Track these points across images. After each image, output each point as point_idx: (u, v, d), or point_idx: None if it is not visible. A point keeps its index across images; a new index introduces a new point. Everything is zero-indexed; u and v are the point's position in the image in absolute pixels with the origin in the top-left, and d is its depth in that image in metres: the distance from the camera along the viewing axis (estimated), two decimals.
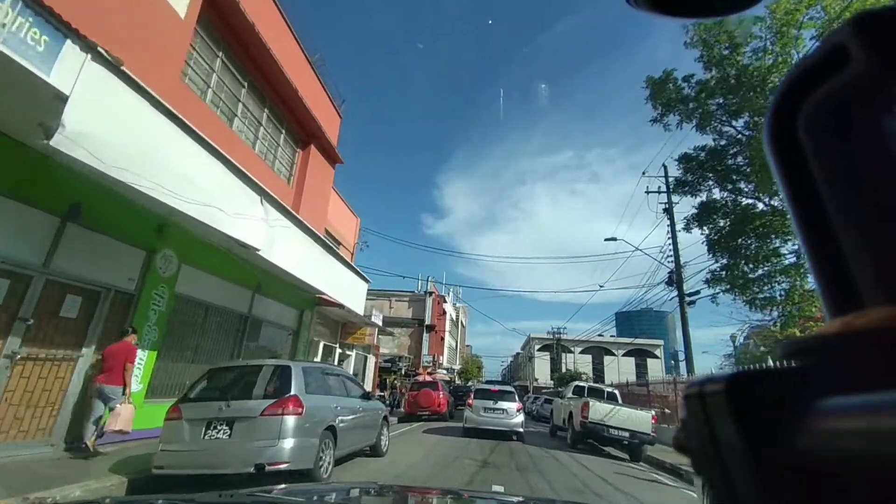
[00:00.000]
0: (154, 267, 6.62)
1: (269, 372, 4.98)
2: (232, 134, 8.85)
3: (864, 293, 0.30)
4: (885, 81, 0.29)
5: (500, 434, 12.00)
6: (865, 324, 0.27)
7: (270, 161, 10.70)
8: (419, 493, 2.64)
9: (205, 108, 7.91)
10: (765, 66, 12.25)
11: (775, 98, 0.35)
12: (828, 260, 0.33)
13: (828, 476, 0.24)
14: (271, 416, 4.54)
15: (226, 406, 4.61)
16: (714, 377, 0.30)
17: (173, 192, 5.27)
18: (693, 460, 0.31)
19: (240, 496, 1.66)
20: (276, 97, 10.47)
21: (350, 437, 5.94)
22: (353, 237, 18.23)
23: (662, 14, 0.45)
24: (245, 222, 6.23)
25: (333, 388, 5.88)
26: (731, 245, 14.20)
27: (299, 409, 4.70)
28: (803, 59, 0.33)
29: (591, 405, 10.56)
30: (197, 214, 5.64)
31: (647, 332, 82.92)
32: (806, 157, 0.33)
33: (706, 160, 15.23)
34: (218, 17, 8.09)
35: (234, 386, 4.99)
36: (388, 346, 37.93)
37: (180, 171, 5.37)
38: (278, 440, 4.46)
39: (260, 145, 10.18)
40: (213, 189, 5.87)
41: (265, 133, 10.36)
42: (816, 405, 0.26)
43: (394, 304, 40.16)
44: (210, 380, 5.14)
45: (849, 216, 0.31)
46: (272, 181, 9.89)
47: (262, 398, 4.72)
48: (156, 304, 6.65)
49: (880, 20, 0.29)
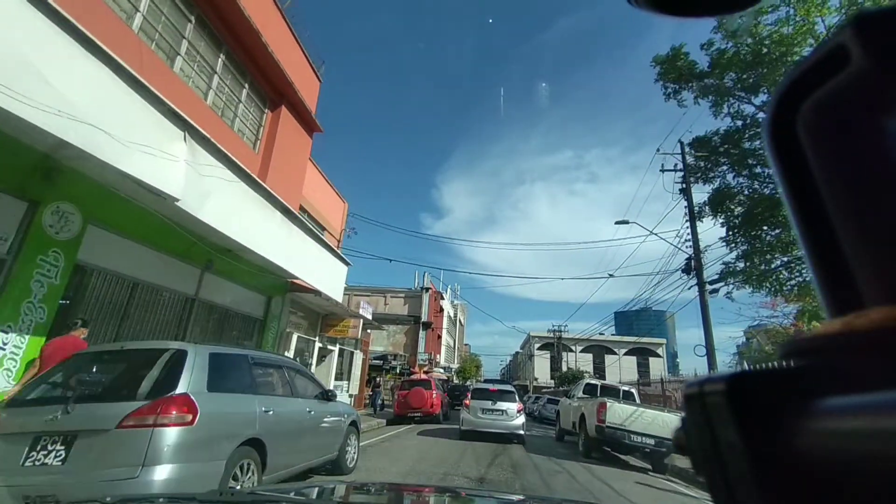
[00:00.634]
0: (40, 224, 4.96)
1: (152, 359, 3.31)
2: (172, 75, 7.19)
3: (864, 293, 0.30)
4: (885, 82, 0.29)
5: (499, 437, 11.06)
6: (866, 324, 0.27)
7: (230, 119, 9.04)
8: (419, 491, 2.59)
9: (129, 33, 6.25)
10: (785, 36, 11.13)
11: (775, 98, 0.35)
12: (828, 260, 0.33)
13: (828, 476, 0.24)
14: (135, 429, 2.86)
15: (64, 413, 2.91)
16: (714, 377, 0.30)
17: (42, 106, 3.64)
18: (693, 460, 0.31)
19: (240, 494, 1.84)
20: (234, 42, 8.81)
21: (292, 451, 4.33)
22: (339, 223, 16.64)
23: (662, 13, 0.45)
24: (155, 161, 4.57)
25: (267, 384, 4.25)
26: (751, 234, 13.30)
27: (187, 415, 3.03)
28: (803, 59, 0.33)
29: (609, 406, 8.85)
30: (81, 142, 4.00)
31: (646, 333, 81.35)
32: (806, 157, 0.33)
33: (720, 143, 14.15)
34: None
35: (94, 381, 3.32)
36: (383, 343, 36.39)
37: (61, 84, 3.77)
38: (141, 468, 2.77)
39: (215, 98, 8.52)
40: (110, 113, 4.23)
41: (222, 84, 8.69)
42: (816, 405, 0.26)
43: (389, 300, 38.58)
44: (66, 370, 3.48)
45: (849, 216, 0.31)
46: (233, 144, 8.23)
47: (130, 399, 3.02)
48: (43, 273, 4.98)
49: (880, 20, 0.29)
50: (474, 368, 49.96)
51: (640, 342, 61.31)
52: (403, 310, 37.71)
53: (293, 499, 1.72)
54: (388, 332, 36.59)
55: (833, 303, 0.33)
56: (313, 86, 12.21)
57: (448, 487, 3.39)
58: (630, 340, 63.42)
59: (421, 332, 35.40)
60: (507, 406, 11.35)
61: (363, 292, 38.55)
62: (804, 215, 0.34)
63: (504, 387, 12.51)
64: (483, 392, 11.98)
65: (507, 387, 12.68)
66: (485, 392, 11.94)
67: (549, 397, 24.46)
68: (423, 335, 35.27)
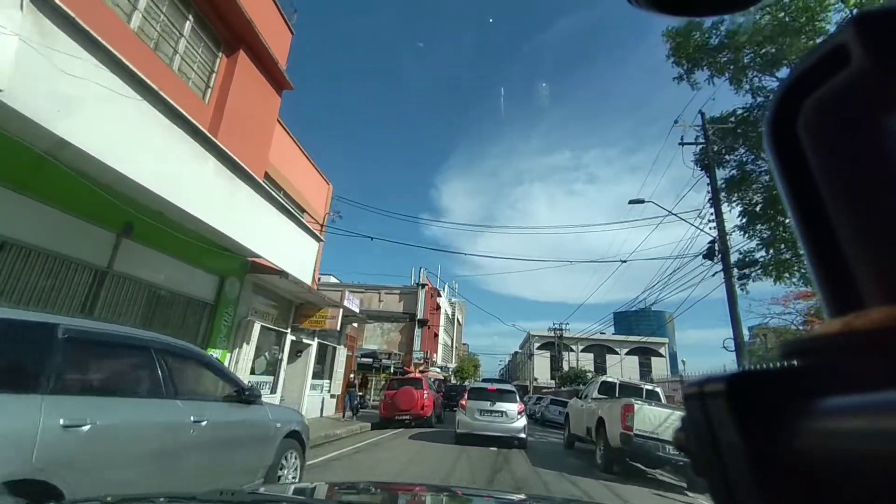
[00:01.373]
0: None
1: None
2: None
3: (864, 293, 0.30)
4: (885, 82, 0.29)
5: (498, 440, 10.18)
6: (866, 324, 0.27)
7: (167, 56, 7.30)
8: (423, 490, 2.49)
9: None
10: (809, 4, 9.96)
11: (775, 98, 0.35)
12: (828, 260, 0.33)
13: (828, 476, 0.24)
14: None
15: None
16: (714, 377, 0.30)
17: None
18: (693, 461, 0.31)
19: (241, 494, 1.68)
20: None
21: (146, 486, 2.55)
22: (323, 206, 14.98)
23: (663, 13, 0.45)
24: None
25: (97, 380, 2.51)
26: (774, 221, 12.23)
27: None
28: (803, 59, 0.33)
29: (637, 409, 7.07)
30: None
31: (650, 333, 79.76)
32: (806, 157, 0.33)
33: (736, 125, 12.87)
34: None
35: None
36: (377, 341, 34.71)
37: None
38: None
39: (143, 24, 6.79)
40: None
41: (152, 7, 6.95)
42: (816, 405, 0.26)
43: (384, 297, 36.87)
44: None
45: (849, 216, 0.32)
46: (173, 87, 6.49)
47: None
48: None
49: (880, 20, 0.29)
50: (472, 368, 48.14)
51: (643, 341, 59.67)
52: (399, 307, 35.99)
53: (294, 498, 1.73)
54: (382, 329, 34.94)
55: (833, 303, 0.33)
56: (283, 36, 10.49)
57: (450, 487, 3.37)
58: (632, 340, 61.88)
59: (416, 330, 33.67)
60: (507, 407, 10.35)
61: (357, 289, 36.87)
62: (804, 215, 0.34)
63: (504, 386, 11.47)
64: (481, 392, 10.95)
65: (507, 386, 11.63)
66: (483, 392, 10.91)
67: (553, 398, 22.48)
68: (418, 333, 33.54)
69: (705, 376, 0.31)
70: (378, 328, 34.43)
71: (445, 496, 2.27)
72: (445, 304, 47.64)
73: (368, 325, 35.12)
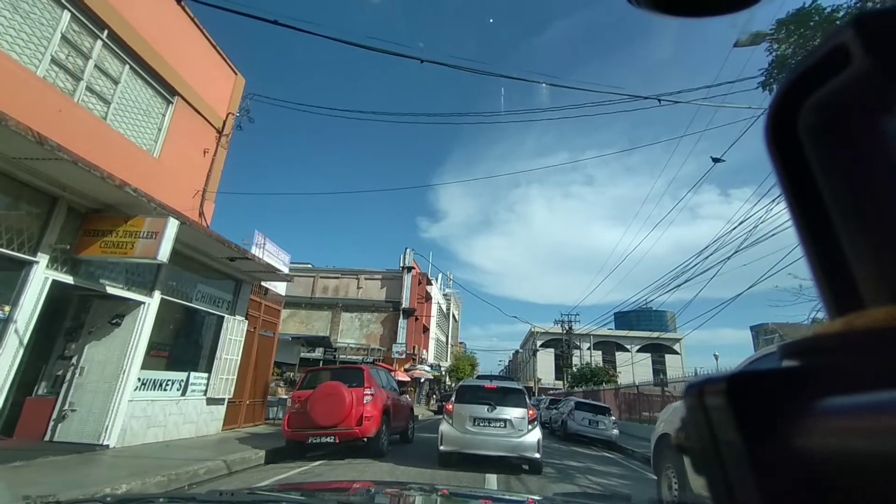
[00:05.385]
0: None
1: None
2: None
3: (864, 293, 0.30)
4: (885, 82, 0.29)
5: (499, 462, 7.15)
6: (866, 324, 0.27)
7: None
8: (424, 491, 2.54)
9: None
10: None
11: (775, 98, 0.35)
12: (828, 260, 0.33)
13: (828, 476, 0.24)
14: None
15: None
16: (714, 377, 0.29)
17: None
18: (693, 461, 0.31)
19: (241, 494, 1.69)
20: None
21: None
22: (225, 102, 9.82)
23: (663, 13, 0.44)
24: None
25: None
26: None
27: None
28: (803, 59, 0.33)
29: None
30: None
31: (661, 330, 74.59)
32: (806, 158, 0.33)
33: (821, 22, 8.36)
34: None
35: None
36: (355, 335, 29.30)
37: None
38: None
39: None
40: None
41: None
42: (817, 405, 0.26)
43: (363, 282, 31.38)
44: None
45: (849, 216, 0.32)
46: None
47: None
48: None
49: (880, 20, 0.29)
50: (469, 368, 42.66)
51: (655, 338, 54.50)
52: (381, 294, 30.56)
53: (294, 498, 1.72)
54: (360, 321, 29.57)
55: (833, 303, 0.33)
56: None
57: (446, 487, 3.38)
58: (643, 336, 56.73)
59: (401, 321, 28.25)
60: (512, 413, 7.18)
61: (331, 274, 31.59)
62: (804, 215, 0.34)
63: (507, 384, 8.23)
64: (475, 391, 7.61)
65: (512, 384, 8.46)
66: (478, 391, 7.59)
67: (577, 401, 15.22)
68: (403, 324, 28.13)
69: (706, 376, 0.31)
70: (356, 319, 29.07)
71: (444, 497, 2.29)
72: (439, 295, 42.28)
73: (345, 316, 29.84)
